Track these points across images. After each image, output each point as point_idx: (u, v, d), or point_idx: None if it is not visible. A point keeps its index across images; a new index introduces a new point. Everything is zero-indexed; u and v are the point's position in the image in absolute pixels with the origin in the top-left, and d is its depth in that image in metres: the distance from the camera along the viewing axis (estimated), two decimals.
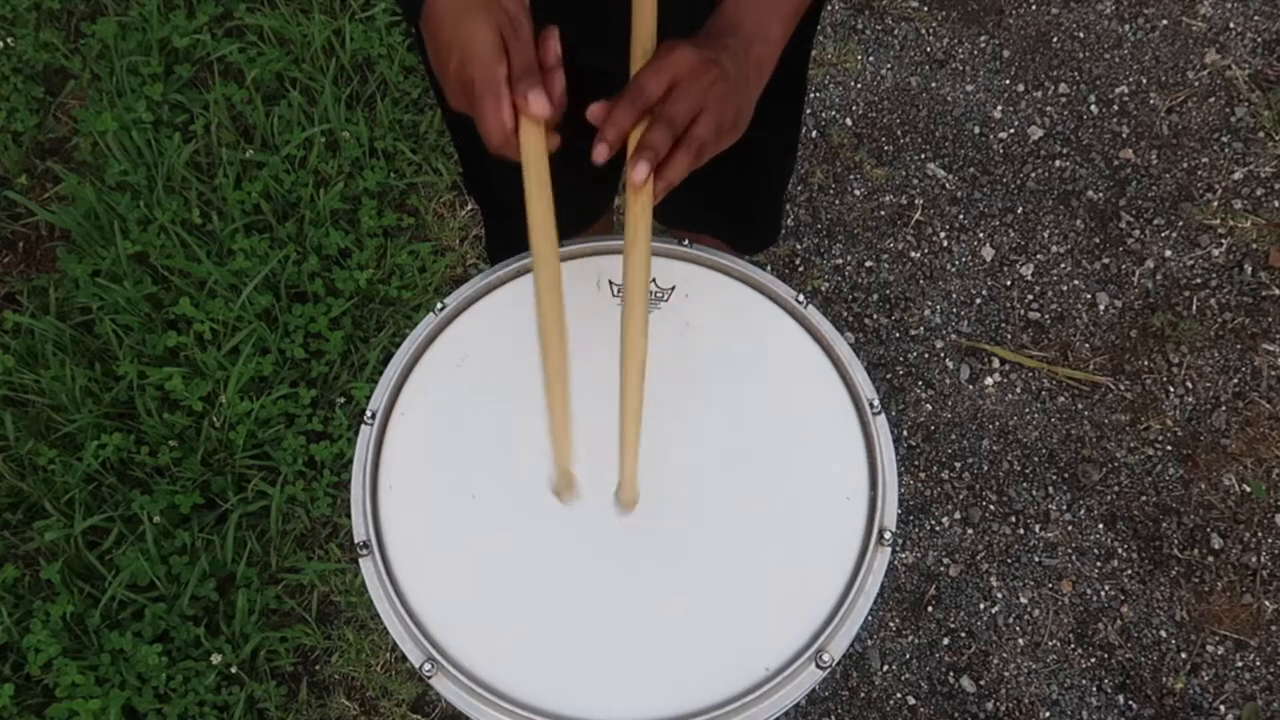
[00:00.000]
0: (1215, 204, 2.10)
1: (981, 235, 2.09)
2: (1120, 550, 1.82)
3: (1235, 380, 1.94)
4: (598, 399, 0.89)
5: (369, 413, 0.95)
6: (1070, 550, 1.82)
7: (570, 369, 0.84)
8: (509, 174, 0.89)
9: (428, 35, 0.85)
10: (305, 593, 1.77)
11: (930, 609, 1.78)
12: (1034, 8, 2.33)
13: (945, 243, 2.08)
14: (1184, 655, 1.74)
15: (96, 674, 1.64)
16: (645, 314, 0.84)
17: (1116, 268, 2.05)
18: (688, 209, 1.35)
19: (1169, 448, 1.89)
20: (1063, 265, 2.06)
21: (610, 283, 1.03)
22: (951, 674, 1.74)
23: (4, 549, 1.75)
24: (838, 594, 0.87)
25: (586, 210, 1.37)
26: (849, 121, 2.22)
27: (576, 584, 0.88)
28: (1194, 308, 2.01)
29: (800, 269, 2.07)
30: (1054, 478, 1.87)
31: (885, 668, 1.74)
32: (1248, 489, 1.85)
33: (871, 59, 2.29)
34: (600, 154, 0.78)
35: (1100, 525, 1.83)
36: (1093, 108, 2.21)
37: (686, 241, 1.05)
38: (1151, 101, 2.21)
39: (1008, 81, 2.25)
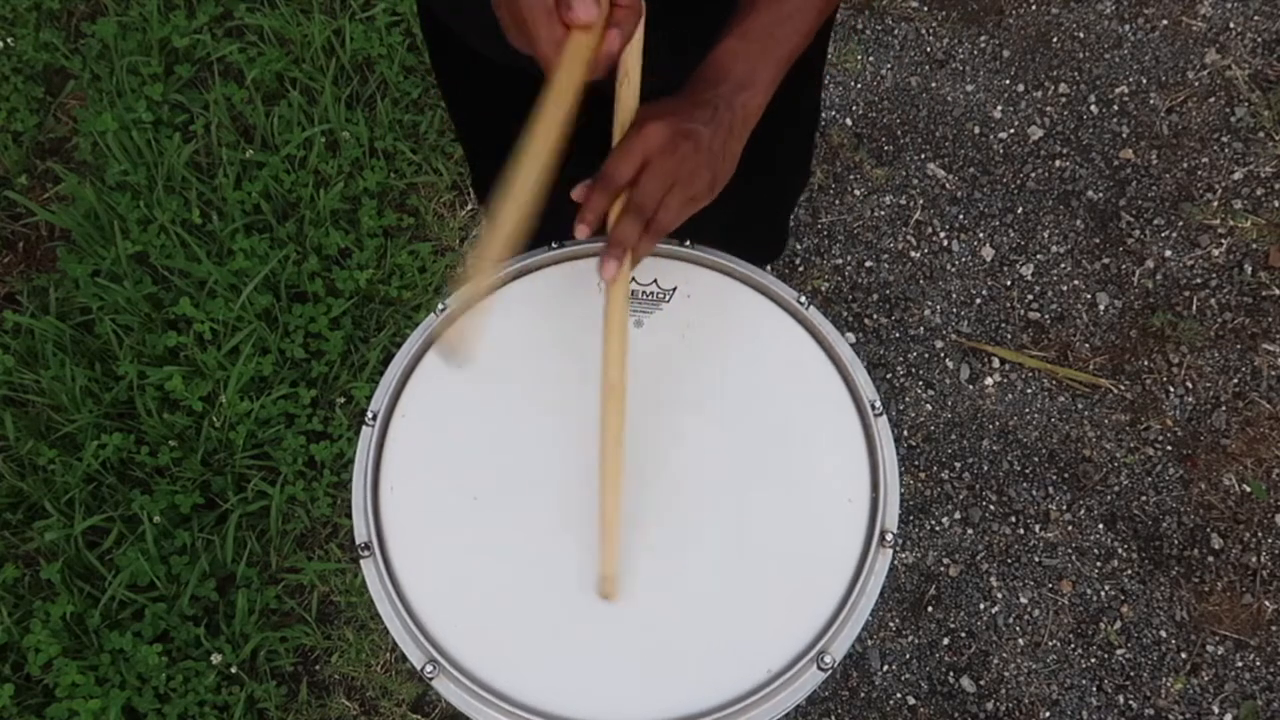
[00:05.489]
0: (1215, 204, 2.10)
1: (981, 235, 2.09)
2: (1120, 550, 1.82)
3: (1235, 380, 1.94)
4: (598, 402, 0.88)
5: (370, 414, 0.95)
6: (1070, 550, 1.82)
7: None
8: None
9: None
10: (305, 593, 1.77)
11: (930, 609, 1.78)
12: (1034, 8, 2.33)
13: (945, 243, 2.08)
14: (1184, 655, 1.74)
15: (96, 674, 1.64)
16: (622, 410, 0.84)
17: (1116, 268, 2.05)
18: (693, 224, 1.35)
19: (1169, 448, 1.89)
20: (1063, 265, 2.05)
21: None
22: (951, 674, 1.74)
23: (4, 549, 1.75)
24: (839, 596, 0.86)
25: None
26: (849, 121, 2.22)
27: (578, 585, 0.88)
28: (1194, 308, 2.01)
29: (800, 269, 2.06)
30: (1054, 478, 1.87)
31: (885, 668, 1.74)
32: (1248, 489, 1.85)
33: (871, 59, 2.29)
34: (581, 232, 0.83)
35: (1100, 525, 1.83)
36: (1093, 108, 2.21)
37: (687, 242, 1.04)
38: (1151, 101, 2.21)
39: (1008, 81, 2.25)
